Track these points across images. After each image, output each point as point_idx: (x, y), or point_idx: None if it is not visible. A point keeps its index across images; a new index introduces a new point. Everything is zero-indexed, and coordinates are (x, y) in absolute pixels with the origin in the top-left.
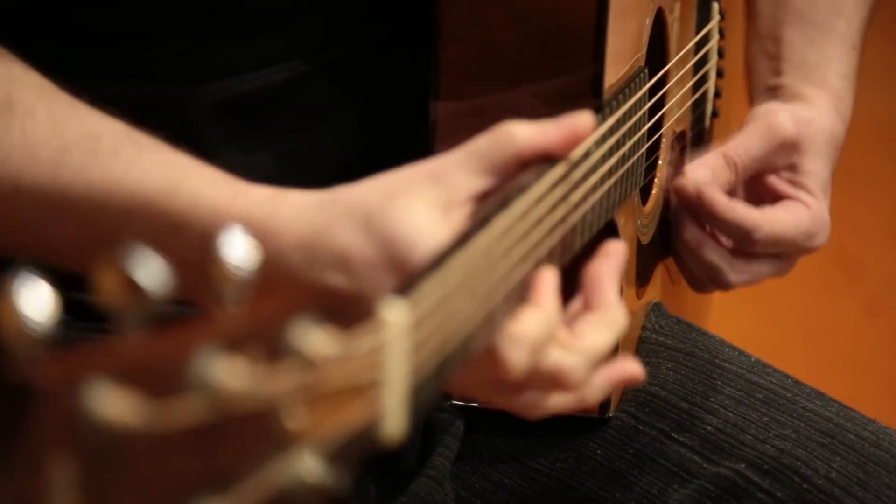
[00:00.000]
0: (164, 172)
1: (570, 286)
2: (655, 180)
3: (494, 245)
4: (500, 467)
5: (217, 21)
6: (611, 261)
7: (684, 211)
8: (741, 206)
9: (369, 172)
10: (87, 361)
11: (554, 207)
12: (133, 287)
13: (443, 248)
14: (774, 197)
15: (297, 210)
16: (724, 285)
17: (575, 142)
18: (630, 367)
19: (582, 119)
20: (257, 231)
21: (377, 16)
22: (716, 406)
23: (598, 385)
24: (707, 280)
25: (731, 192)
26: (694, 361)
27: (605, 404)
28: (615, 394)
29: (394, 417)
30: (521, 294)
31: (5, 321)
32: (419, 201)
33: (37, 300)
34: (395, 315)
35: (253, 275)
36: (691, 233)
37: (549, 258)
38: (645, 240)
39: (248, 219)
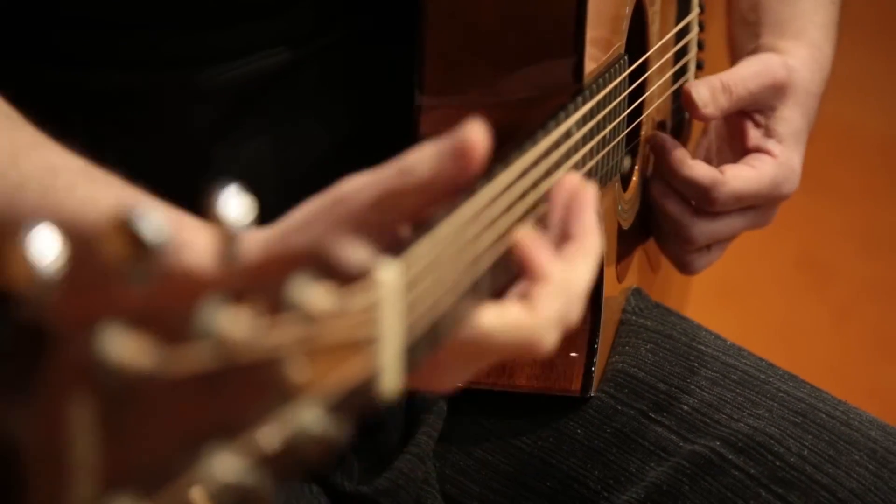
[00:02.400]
0: (109, 208)
1: None
2: (636, 167)
3: (479, 215)
4: (483, 445)
5: (206, 6)
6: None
7: (656, 169)
8: (700, 165)
9: (357, 159)
10: (99, 306)
11: (537, 182)
12: (137, 241)
13: (432, 215)
14: (743, 144)
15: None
16: (689, 240)
17: (472, 163)
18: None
19: (471, 134)
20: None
21: (365, 4)
22: (692, 387)
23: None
24: (674, 237)
25: (715, 125)
26: (672, 344)
27: (586, 384)
28: (596, 375)
29: (390, 374)
30: (503, 267)
31: (17, 266)
32: (323, 226)
33: (45, 245)
34: (389, 275)
35: (245, 232)
36: (657, 188)
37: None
38: (626, 225)
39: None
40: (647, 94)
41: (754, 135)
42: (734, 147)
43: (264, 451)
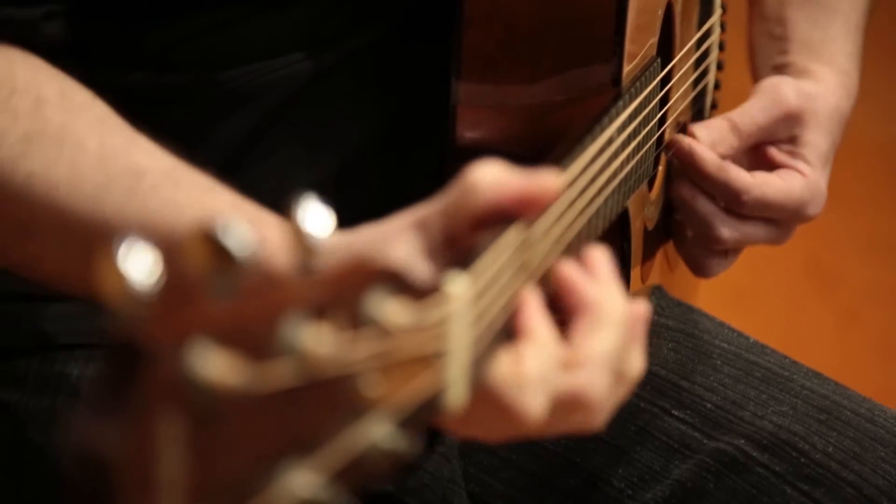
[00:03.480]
0: (198, 211)
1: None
2: (660, 168)
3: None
4: (508, 444)
5: (237, 3)
6: (585, 264)
7: (682, 169)
8: (732, 168)
9: (391, 162)
10: (190, 323)
11: (584, 190)
12: (222, 253)
13: (497, 226)
14: (772, 166)
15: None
16: (717, 240)
17: (536, 206)
18: None
19: (546, 181)
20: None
21: (398, 4)
22: (715, 384)
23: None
24: (700, 235)
25: (733, 159)
26: (694, 342)
27: None
28: None
29: (457, 386)
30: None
31: (111, 283)
32: (405, 248)
33: (140, 261)
34: (459, 288)
35: (328, 244)
36: (686, 187)
37: (577, 243)
38: (651, 226)
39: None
40: (672, 96)
41: (780, 156)
42: (758, 167)
43: (337, 467)
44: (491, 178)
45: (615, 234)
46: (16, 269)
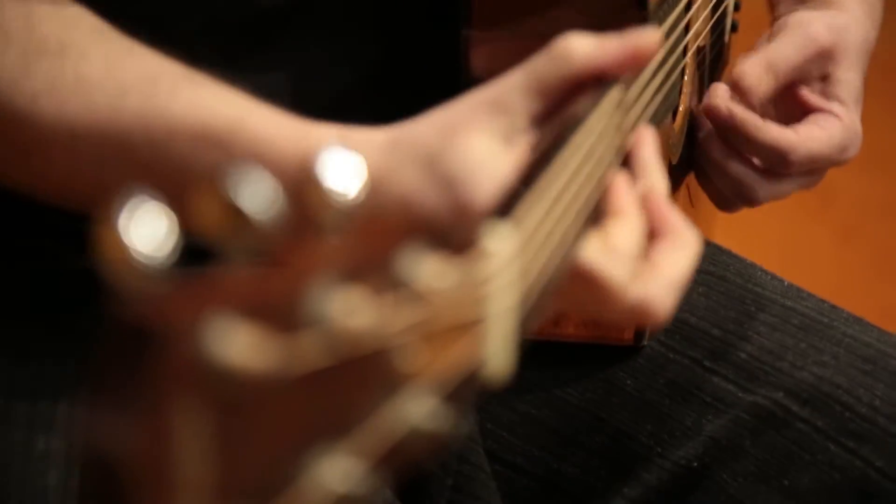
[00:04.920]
0: (224, 112)
1: None
2: (682, 96)
3: (572, 162)
4: (527, 398)
5: None
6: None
7: (712, 128)
8: (775, 127)
9: (386, 98)
10: (207, 297)
11: (620, 123)
12: (238, 214)
13: (531, 165)
14: (805, 109)
15: (362, 151)
16: (751, 201)
17: (637, 62)
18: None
19: (647, 37)
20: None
21: None
22: (750, 333)
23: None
24: (734, 196)
25: (767, 103)
26: (726, 286)
27: (640, 333)
28: None
29: (503, 353)
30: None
31: (113, 252)
32: (481, 137)
33: (149, 227)
34: (502, 242)
35: (360, 200)
36: (718, 149)
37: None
38: (675, 160)
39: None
40: (693, 20)
41: (813, 97)
42: (788, 111)
43: (377, 451)
44: (587, 42)
45: None
46: (14, 185)
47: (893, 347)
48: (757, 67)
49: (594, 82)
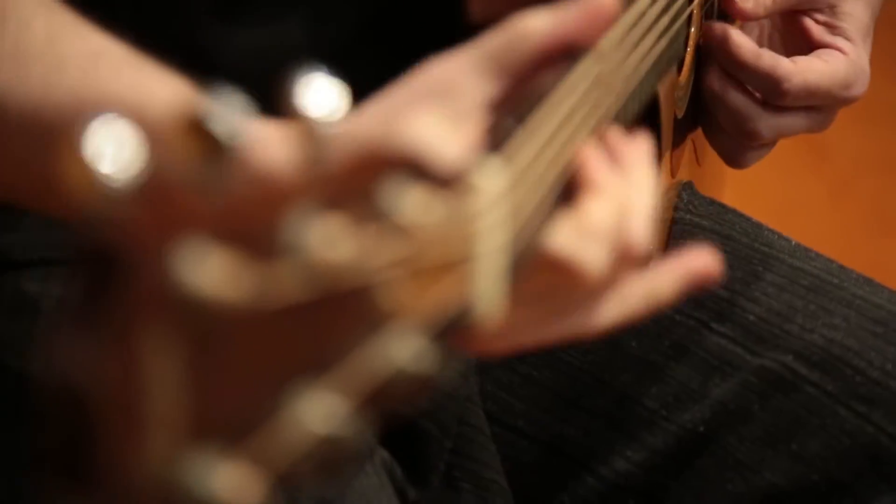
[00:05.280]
0: (168, 97)
1: None
2: (688, 48)
3: (567, 102)
4: (528, 359)
5: None
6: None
7: (712, 57)
8: (770, 54)
9: (388, 43)
10: (176, 222)
11: (619, 64)
12: (209, 140)
13: (527, 102)
14: (810, 44)
15: None
16: (753, 135)
17: (598, 28)
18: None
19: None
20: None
21: None
22: (758, 294)
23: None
24: (735, 132)
25: (767, 36)
26: (732, 245)
27: None
28: None
29: (493, 294)
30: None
31: (77, 174)
32: (425, 121)
33: (115, 145)
34: (492, 177)
35: (339, 126)
36: (716, 79)
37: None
38: (680, 114)
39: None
40: None
41: (818, 31)
42: (795, 47)
43: (360, 390)
44: (543, 17)
45: (644, 124)
46: None
47: None
48: None
49: (560, 57)
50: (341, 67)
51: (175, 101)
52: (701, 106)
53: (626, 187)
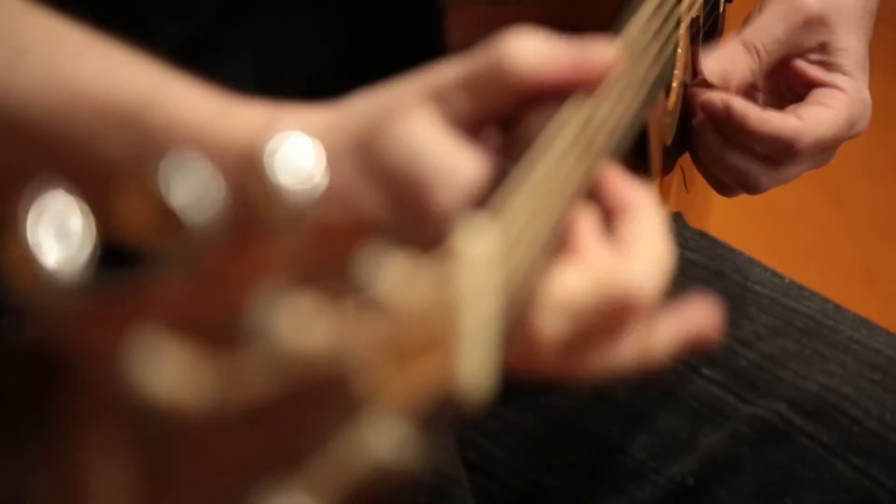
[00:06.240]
0: (135, 84)
1: None
2: (675, 72)
3: (558, 147)
4: (510, 404)
5: None
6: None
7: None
8: (777, 116)
9: (363, 76)
10: (129, 313)
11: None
12: (169, 213)
13: (515, 151)
14: (805, 84)
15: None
16: (753, 190)
17: (590, 79)
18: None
19: (603, 52)
20: (251, 156)
21: None
22: (750, 337)
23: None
24: (735, 185)
25: (756, 83)
26: (724, 284)
27: None
28: None
29: (482, 371)
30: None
31: (17, 265)
32: (422, 123)
33: (60, 231)
34: (477, 240)
35: (315, 195)
36: (715, 140)
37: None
38: (669, 141)
39: (235, 144)
40: None
41: (814, 70)
42: (790, 89)
43: (333, 488)
44: (533, 49)
45: (632, 154)
46: None
47: None
48: (732, 51)
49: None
50: (318, 101)
51: (142, 90)
52: (688, 129)
53: (613, 258)
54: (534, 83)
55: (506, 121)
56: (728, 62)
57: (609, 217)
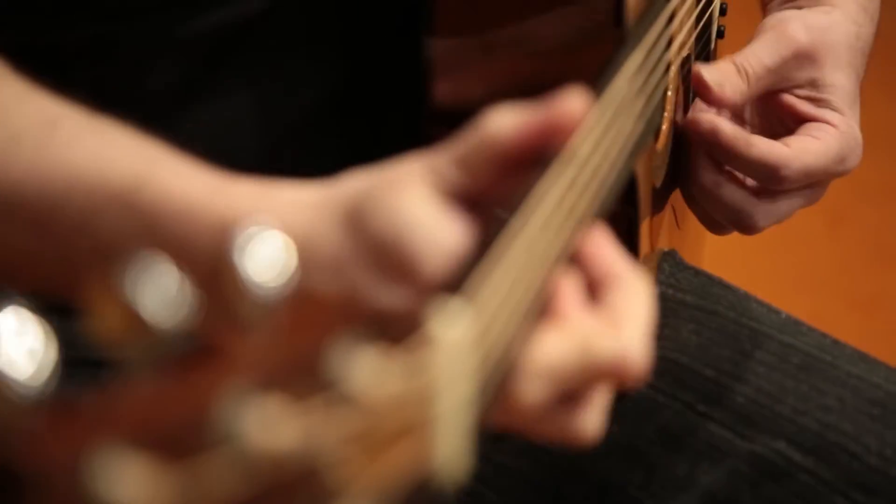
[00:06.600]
0: (129, 164)
1: None
2: (665, 114)
3: (536, 220)
4: (503, 447)
5: None
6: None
7: (699, 150)
8: (763, 142)
9: (353, 116)
10: (90, 427)
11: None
12: (136, 318)
13: (502, 226)
14: (796, 119)
15: (288, 212)
16: (749, 229)
17: (565, 132)
18: None
19: (569, 104)
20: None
21: None
22: (747, 374)
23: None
24: (730, 224)
25: (743, 109)
26: (719, 322)
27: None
28: None
29: (458, 454)
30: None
31: None
32: (415, 195)
33: (20, 344)
34: (450, 326)
35: (286, 290)
36: (708, 175)
37: (586, 222)
38: (658, 183)
39: (228, 221)
40: (676, 29)
41: (803, 105)
42: (783, 125)
43: None
44: (507, 119)
45: (621, 201)
46: None
47: None
48: (725, 68)
49: (532, 160)
50: (302, 147)
51: (136, 170)
52: (680, 168)
53: (599, 325)
54: (513, 146)
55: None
56: (723, 76)
57: (595, 285)
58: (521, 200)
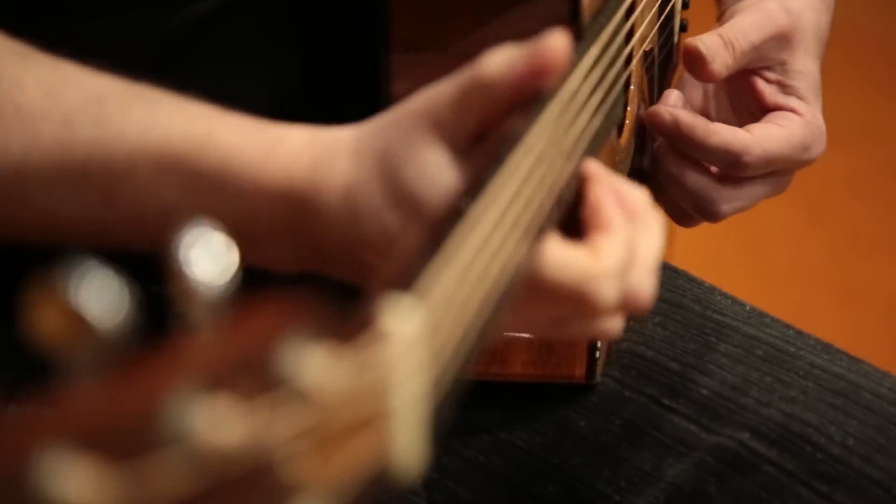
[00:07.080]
0: (187, 128)
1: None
2: (627, 109)
3: (497, 214)
4: (473, 443)
5: None
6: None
7: (661, 138)
8: (725, 128)
9: (309, 110)
10: (33, 429)
11: (544, 158)
12: (79, 318)
13: (447, 224)
14: (761, 106)
15: (337, 160)
16: (713, 216)
17: (550, 71)
18: None
19: (552, 41)
20: (303, 189)
21: None
22: (711, 366)
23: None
24: (694, 212)
25: (722, 94)
26: (683, 314)
27: (591, 368)
28: (601, 356)
29: (414, 447)
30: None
31: None
32: (436, 152)
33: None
34: (401, 321)
35: (230, 288)
36: (672, 162)
37: (547, 221)
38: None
39: (291, 171)
40: (637, 24)
41: (770, 92)
42: (748, 109)
43: None
44: (498, 59)
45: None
46: None
47: (865, 378)
48: (714, 41)
49: (523, 102)
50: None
51: (196, 133)
52: (644, 162)
53: (636, 232)
54: (506, 85)
55: None
56: (713, 50)
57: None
58: (476, 191)
